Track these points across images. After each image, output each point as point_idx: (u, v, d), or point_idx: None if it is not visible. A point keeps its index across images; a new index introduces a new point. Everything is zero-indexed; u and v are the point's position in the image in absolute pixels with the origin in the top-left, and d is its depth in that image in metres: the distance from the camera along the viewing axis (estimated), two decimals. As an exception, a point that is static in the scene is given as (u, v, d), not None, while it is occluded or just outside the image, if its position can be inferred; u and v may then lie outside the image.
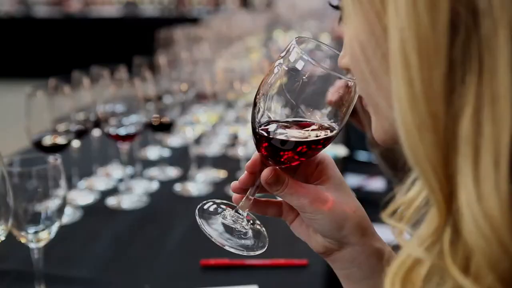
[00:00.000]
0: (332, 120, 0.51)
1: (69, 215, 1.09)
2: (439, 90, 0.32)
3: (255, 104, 0.52)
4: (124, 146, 1.19)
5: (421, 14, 0.31)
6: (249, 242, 0.55)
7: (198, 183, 1.26)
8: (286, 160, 0.52)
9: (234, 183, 0.55)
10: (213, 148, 1.47)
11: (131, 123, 1.17)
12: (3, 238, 0.69)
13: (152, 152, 1.46)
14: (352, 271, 0.54)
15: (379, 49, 0.37)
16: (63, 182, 0.78)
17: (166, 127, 1.30)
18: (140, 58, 1.58)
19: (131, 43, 4.78)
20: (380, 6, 0.35)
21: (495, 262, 0.30)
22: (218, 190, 1.23)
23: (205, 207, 0.56)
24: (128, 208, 1.15)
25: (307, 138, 0.51)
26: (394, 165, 0.88)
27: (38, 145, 1.10)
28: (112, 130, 1.17)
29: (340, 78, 0.48)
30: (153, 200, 1.19)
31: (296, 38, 0.51)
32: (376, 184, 1.32)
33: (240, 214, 0.55)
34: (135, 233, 1.05)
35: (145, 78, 1.27)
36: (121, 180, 1.25)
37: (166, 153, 1.42)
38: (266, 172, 0.52)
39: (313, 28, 2.90)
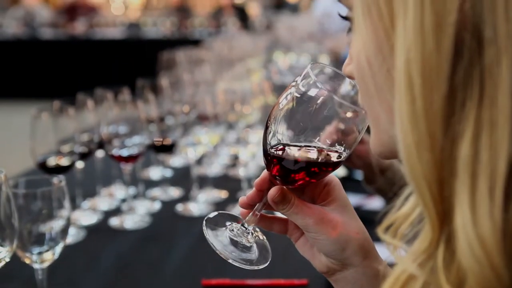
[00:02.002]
0: (341, 146, 0.52)
1: (73, 235, 1.09)
2: (438, 111, 0.32)
3: (267, 126, 0.53)
4: (127, 167, 1.20)
5: (427, 36, 0.32)
6: (252, 256, 0.55)
7: (200, 203, 1.27)
8: (294, 181, 0.53)
9: (242, 199, 0.56)
10: (214, 168, 1.48)
11: (134, 144, 1.19)
12: (8, 260, 0.70)
13: (155, 173, 1.48)
14: None
15: (385, 65, 0.37)
16: (67, 203, 0.78)
17: (168, 148, 1.31)
18: (143, 81, 1.61)
19: (134, 65, 4.83)
20: (389, 24, 0.36)
21: (487, 284, 0.30)
22: (219, 210, 1.24)
23: (213, 218, 0.57)
24: (130, 228, 1.16)
25: (316, 161, 0.52)
26: (390, 199, 0.90)
27: (42, 166, 1.11)
28: (115, 151, 1.18)
29: (351, 107, 0.49)
30: (155, 220, 1.20)
31: (311, 64, 0.51)
32: (375, 203, 1.33)
33: (246, 228, 0.56)
34: (138, 253, 1.06)
35: (148, 100, 1.29)
36: (124, 200, 1.26)
37: (168, 173, 1.43)
38: (273, 191, 0.53)
39: (311, 50, 2.93)
